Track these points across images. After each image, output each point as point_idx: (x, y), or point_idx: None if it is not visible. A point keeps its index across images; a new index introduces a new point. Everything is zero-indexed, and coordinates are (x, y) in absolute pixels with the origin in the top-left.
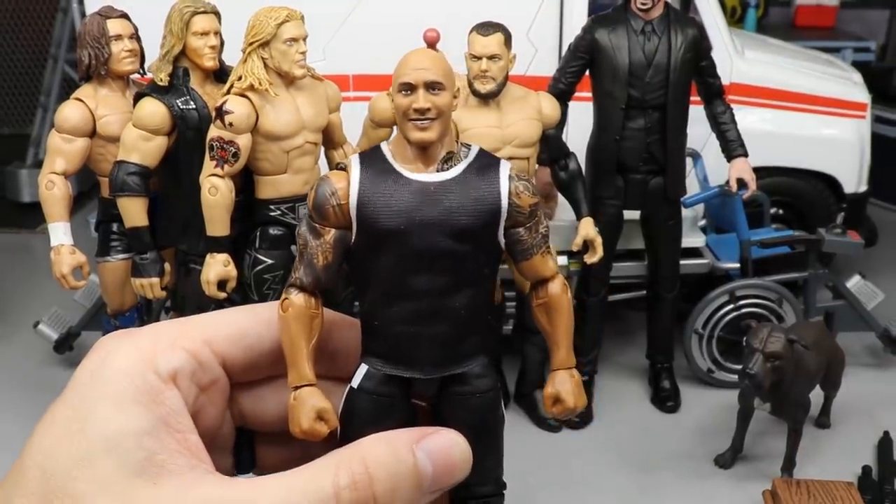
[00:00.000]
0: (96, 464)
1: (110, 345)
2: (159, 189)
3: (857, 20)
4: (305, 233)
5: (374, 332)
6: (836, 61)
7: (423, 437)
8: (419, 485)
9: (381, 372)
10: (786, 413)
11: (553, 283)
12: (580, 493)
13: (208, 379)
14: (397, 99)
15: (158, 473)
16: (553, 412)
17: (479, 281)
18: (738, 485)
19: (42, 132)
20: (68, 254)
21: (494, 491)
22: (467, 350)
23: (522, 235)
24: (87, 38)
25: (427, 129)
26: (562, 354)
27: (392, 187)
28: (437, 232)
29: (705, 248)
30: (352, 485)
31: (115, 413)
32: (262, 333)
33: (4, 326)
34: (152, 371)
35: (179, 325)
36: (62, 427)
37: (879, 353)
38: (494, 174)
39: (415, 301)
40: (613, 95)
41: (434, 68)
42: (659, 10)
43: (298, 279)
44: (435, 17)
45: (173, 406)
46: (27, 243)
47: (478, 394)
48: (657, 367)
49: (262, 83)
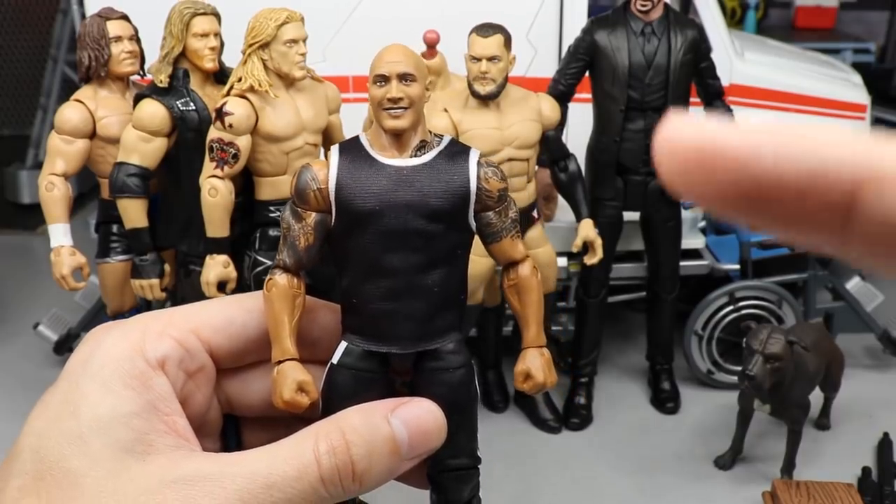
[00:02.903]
0: (88, 443)
1: (101, 335)
2: (159, 190)
3: (856, 21)
4: (288, 217)
5: (352, 309)
6: (836, 63)
7: (398, 407)
8: (396, 450)
9: (359, 348)
10: (785, 414)
11: (523, 265)
12: (580, 494)
13: (195, 365)
14: (373, 90)
15: (147, 451)
16: (524, 388)
17: (451, 260)
18: (738, 486)
19: (42, 133)
20: (68, 255)
21: (469, 464)
22: (441, 326)
23: (492, 219)
24: (87, 40)
25: (400, 117)
26: (532, 333)
27: (368, 172)
28: (409, 212)
29: (705, 250)
30: (330, 450)
31: (105, 396)
32: (246, 322)
33: (4, 328)
34: (141, 358)
35: (167, 314)
36: (54, 411)
37: (879, 355)
38: (464, 160)
39: (390, 278)
40: (613, 97)
41: (406, 61)
42: (658, 11)
43: (282, 260)
44: (434, 19)
45: (161, 391)
46: (27, 244)
47: (451, 369)
48: (657, 369)
49: (261, 84)
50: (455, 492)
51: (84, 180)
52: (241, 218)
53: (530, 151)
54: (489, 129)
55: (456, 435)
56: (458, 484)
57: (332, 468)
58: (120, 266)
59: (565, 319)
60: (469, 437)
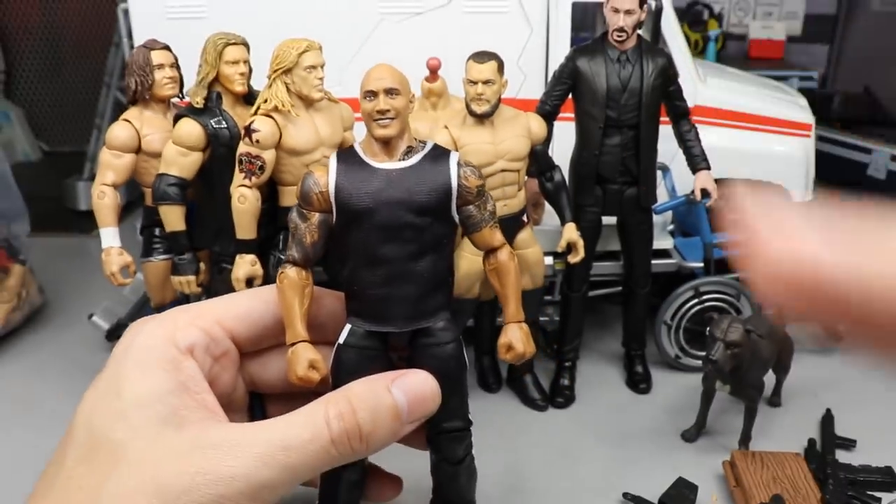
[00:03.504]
0: (130, 417)
1: (139, 327)
2: (195, 198)
3: (802, 53)
4: (295, 217)
5: (354, 295)
6: (785, 88)
7: (398, 378)
8: (397, 415)
9: (361, 329)
10: (743, 393)
11: (501, 251)
12: (564, 464)
13: (220, 350)
14: (364, 104)
15: (181, 423)
16: (506, 358)
17: (438, 249)
18: (702, 456)
19: (97, 149)
20: (117, 255)
21: (462, 426)
22: (431, 307)
23: (472, 212)
24: (134, 67)
25: (387, 126)
26: (511, 309)
27: (362, 175)
28: (400, 208)
29: (673, 250)
30: (339, 416)
31: (143, 378)
32: (263, 311)
33: (64, 318)
34: (173, 345)
35: (195, 308)
36: (102, 392)
37: (823, 342)
38: (445, 162)
39: (385, 266)
40: (593, 116)
41: (391, 77)
42: (632, 41)
43: (291, 256)
44: (436, 48)
45: (191, 373)
46: (83, 246)
47: (442, 344)
48: (631, 354)
49: (284, 105)
50: (451, 451)
51: (132, 190)
52: (266, 222)
53: (521, 164)
54: (484, 143)
55: (449, 401)
56: (453, 444)
57: (341, 431)
58: (162, 265)
59: (551, 311)
60: (461, 403)
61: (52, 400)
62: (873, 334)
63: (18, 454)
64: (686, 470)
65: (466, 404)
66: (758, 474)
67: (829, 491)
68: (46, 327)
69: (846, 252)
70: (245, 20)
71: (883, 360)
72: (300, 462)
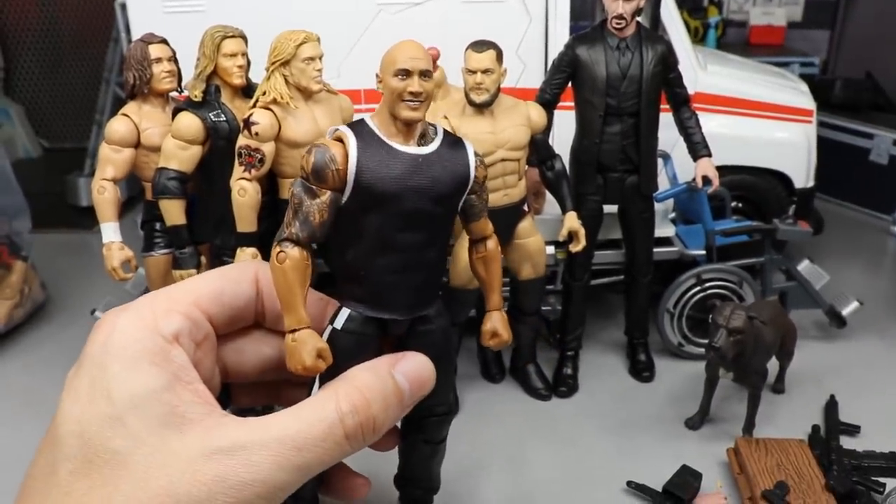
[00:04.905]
0: (127, 422)
1: (111, 320)
2: (195, 192)
3: (802, 39)
4: (300, 193)
5: (358, 280)
6: (786, 74)
7: (398, 362)
8: (401, 400)
9: (362, 315)
10: (746, 380)
11: (490, 240)
12: (568, 453)
13: (202, 334)
14: (393, 82)
15: (182, 423)
16: (490, 344)
17: (443, 237)
18: (706, 444)
19: (97, 145)
20: (118, 250)
21: (449, 410)
22: (431, 295)
23: (475, 201)
24: (132, 62)
25: (418, 109)
26: (495, 298)
27: (385, 157)
28: (423, 197)
29: (675, 238)
30: (353, 410)
31: (134, 375)
32: (234, 290)
33: (66, 314)
34: (158, 335)
35: (165, 293)
36: (87, 394)
37: (826, 328)
38: (463, 151)
39: (399, 254)
40: (593, 104)
41: (426, 59)
42: (632, 29)
43: (294, 234)
44: (435, 38)
45: (181, 362)
46: (85, 242)
47: (437, 329)
48: (634, 343)
49: (283, 97)
50: (437, 433)
51: (133, 186)
52: (267, 215)
53: (521, 153)
54: (484, 133)
55: (443, 385)
56: (440, 426)
57: (355, 426)
58: (163, 259)
59: (553, 300)
60: (450, 387)
61: (55, 396)
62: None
63: (21, 450)
64: (690, 458)
65: (455, 388)
66: (762, 461)
67: (834, 477)
68: (49, 323)
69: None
70: (242, 13)
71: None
72: (314, 460)
